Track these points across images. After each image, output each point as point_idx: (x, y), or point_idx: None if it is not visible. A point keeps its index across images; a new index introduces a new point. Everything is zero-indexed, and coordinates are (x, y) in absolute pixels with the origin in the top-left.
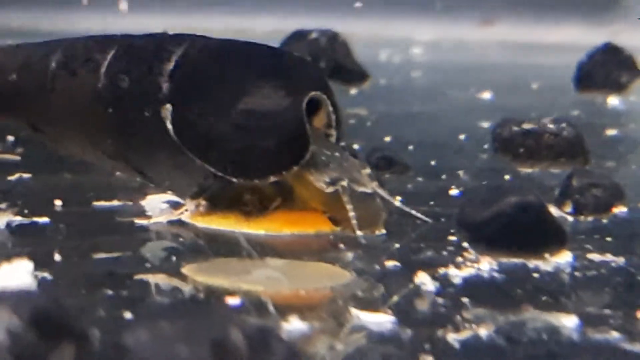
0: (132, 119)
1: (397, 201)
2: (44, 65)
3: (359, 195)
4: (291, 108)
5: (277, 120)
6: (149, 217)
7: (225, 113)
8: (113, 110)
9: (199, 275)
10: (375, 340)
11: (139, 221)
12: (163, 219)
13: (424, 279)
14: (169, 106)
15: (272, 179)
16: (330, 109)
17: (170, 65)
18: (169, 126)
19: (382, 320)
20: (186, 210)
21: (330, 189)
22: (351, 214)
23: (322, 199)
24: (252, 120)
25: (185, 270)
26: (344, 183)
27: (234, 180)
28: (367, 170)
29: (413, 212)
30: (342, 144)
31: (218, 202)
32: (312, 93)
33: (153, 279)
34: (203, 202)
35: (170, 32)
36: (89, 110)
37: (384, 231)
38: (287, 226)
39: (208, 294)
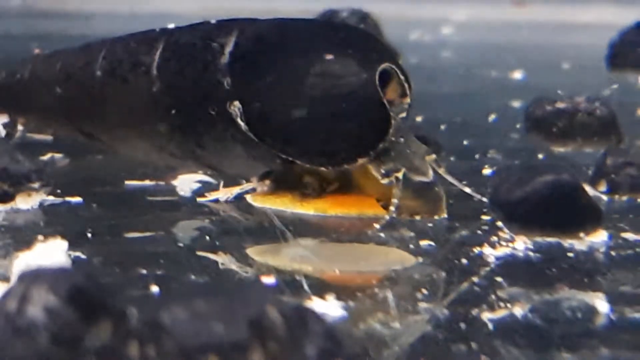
0: (197, 119)
1: (461, 184)
2: (88, 75)
3: (416, 184)
4: (366, 87)
5: (355, 101)
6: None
7: (298, 101)
8: (175, 113)
9: (262, 257)
10: (412, 319)
11: (200, 199)
12: (225, 196)
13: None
14: (237, 103)
15: (360, 161)
16: (402, 77)
17: (225, 59)
18: (241, 123)
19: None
20: (252, 188)
21: (385, 181)
22: (395, 201)
23: (378, 187)
24: (329, 106)
25: (250, 251)
26: (400, 174)
27: (322, 168)
28: (432, 157)
29: (474, 193)
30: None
31: (281, 183)
32: (382, 65)
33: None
34: (268, 183)
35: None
36: (148, 116)
37: (445, 216)
38: (332, 208)
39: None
